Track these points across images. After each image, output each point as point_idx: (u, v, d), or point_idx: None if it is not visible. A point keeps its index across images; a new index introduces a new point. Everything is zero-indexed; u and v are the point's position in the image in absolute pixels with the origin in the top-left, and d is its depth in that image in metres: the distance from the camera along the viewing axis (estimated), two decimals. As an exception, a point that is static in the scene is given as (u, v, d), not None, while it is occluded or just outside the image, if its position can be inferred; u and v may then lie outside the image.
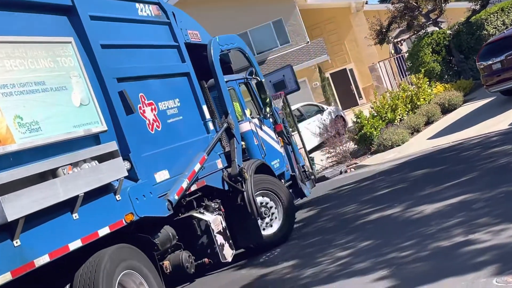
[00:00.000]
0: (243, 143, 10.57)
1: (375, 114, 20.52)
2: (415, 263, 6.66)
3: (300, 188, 12.02)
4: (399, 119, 20.60)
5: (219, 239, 8.67)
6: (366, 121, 19.86)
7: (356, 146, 20.58)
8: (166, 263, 7.99)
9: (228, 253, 8.76)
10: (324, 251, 8.59)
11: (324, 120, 21.23)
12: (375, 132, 19.69)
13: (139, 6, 8.92)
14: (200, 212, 8.77)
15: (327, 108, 24.79)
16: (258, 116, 11.61)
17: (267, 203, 10.21)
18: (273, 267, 8.76)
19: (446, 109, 20.47)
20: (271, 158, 11.30)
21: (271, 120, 11.94)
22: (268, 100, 11.61)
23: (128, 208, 7.04)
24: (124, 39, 8.32)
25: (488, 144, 12.65)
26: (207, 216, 8.72)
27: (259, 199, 10.02)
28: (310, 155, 20.40)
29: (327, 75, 34.12)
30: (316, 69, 29.70)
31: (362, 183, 13.87)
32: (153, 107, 8.37)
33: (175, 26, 9.59)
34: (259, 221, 9.87)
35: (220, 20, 31.27)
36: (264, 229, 9.99)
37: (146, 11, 9.06)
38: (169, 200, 7.82)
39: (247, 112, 11.20)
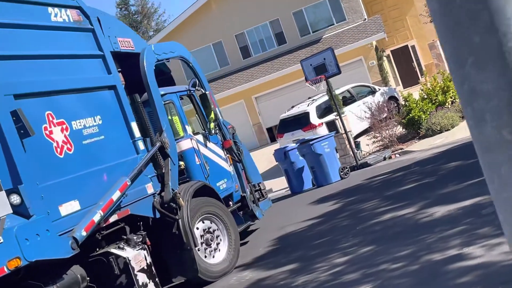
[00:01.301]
0: (182, 163, 9.63)
1: (425, 97, 19.77)
2: (400, 279, 6.27)
3: (251, 210, 10.87)
4: (450, 102, 19.79)
5: (141, 278, 7.54)
6: (415, 104, 19.16)
7: (404, 130, 19.90)
8: None
9: None
10: (325, 255, 8.25)
11: (371, 103, 20.52)
12: (423, 116, 18.98)
13: (52, 10, 7.87)
14: (119, 248, 7.64)
15: (379, 89, 24.04)
16: (204, 132, 10.50)
17: (210, 228, 9.28)
18: (274, 270, 8.46)
19: (501, 91, 19.47)
20: (217, 178, 10.27)
21: (219, 136, 10.86)
22: (212, 114, 10.33)
23: (13, 252, 5.99)
24: (27, 49, 7.27)
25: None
26: (127, 252, 7.58)
27: (202, 225, 9.16)
28: (356, 140, 19.93)
29: (388, 52, 33.16)
30: (373, 47, 28.84)
31: (395, 174, 13.37)
32: (64, 126, 7.28)
33: (100, 33, 8.57)
34: (205, 248, 9.05)
35: (274, -1, 30.88)
36: (208, 257, 9.07)
37: (62, 16, 8.00)
38: (74, 238, 6.74)
39: (189, 128, 10.15)
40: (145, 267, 7.68)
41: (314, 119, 21.74)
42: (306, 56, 27.26)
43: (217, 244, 9.27)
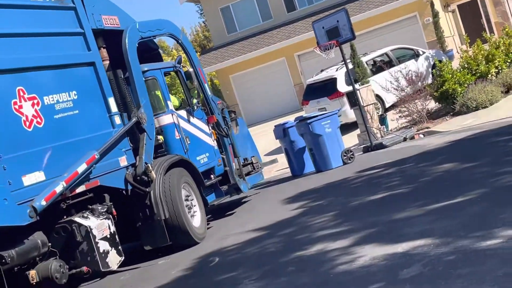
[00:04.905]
0: (161, 137, 10.06)
1: (465, 66, 17.01)
2: None
3: (235, 184, 11.32)
4: (494, 73, 16.96)
5: (102, 245, 8.04)
6: (450, 75, 16.47)
7: (438, 105, 17.29)
8: (32, 272, 7.40)
9: (114, 260, 8.17)
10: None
11: (401, 71, 17.79)
12: (459, 89, 16.33)
13: None
14: (83, 217, 8.11)
15: (424, 52, 21.18)
16: (188, 107, 10.90)
17: (189, 197, 9.78)
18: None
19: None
20: (198, 153, 10.71)
21: (205, 111, 11.26)
22: (195, 91, 10.98)
23: None
24: (2, 28, 7.71)
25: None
26: (89, 221, 8.06)
27: (184, 192, 9.62)
28: (383, 114, 17.49)
29: (454, 7, 29.89)
30: (429, 2, 25.74)
31: (386, 170, 11.15)
32: (35, 101, 7.77)
33: (81, 12, 8.99)
34: (188, 212, 9.49)
35: None
36: (191, 220, 9.56)
37: None
38: (33, 206, 7.15)
39: (170, 103, 10.51)
40: (108, 236, 8.18)
41: (341, 86, 19.35)
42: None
43: (194, 211, 9.80)
